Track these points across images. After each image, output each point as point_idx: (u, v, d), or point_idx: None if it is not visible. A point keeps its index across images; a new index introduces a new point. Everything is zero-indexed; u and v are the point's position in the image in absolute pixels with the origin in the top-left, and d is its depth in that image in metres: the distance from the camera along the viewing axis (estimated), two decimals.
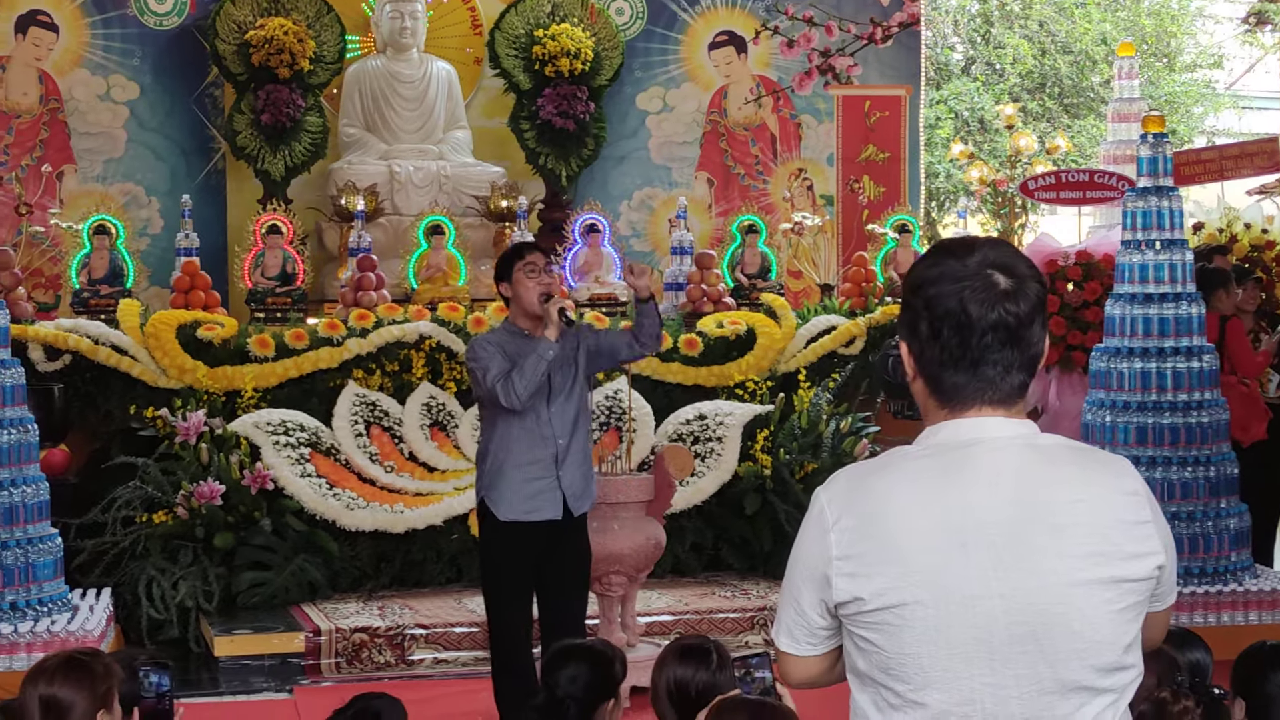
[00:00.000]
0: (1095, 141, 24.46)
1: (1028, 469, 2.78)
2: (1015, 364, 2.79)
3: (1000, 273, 2.78)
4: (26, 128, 14.19)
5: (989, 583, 2.72)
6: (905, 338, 2.87)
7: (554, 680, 4.95)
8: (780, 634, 2.97)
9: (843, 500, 2.83)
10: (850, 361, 11.92)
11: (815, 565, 2.84)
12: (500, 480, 7.12)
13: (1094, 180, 13.06)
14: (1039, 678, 2.73)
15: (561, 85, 14.31)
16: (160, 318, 11.01)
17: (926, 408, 2.87)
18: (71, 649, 4.30)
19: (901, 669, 2.76)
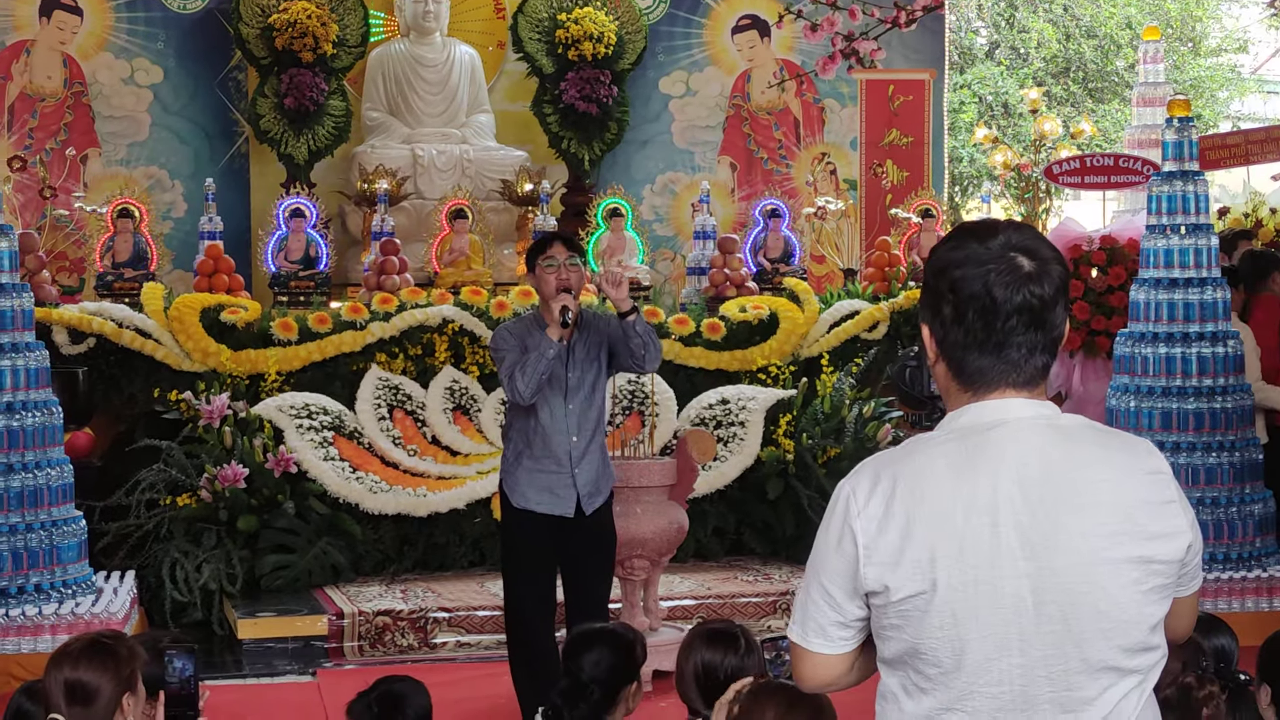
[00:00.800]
0: (1119, 126, 24.38)
1: (1052, 450, 2.78)
2: (1039, 346, 2.80)
3: (1024, 255, 2.78)
4: (51, 111, 14.22)
5: (1016, 563, 2.72)
6: (927, 321, 2.86)
7: (577, 665, 4.95)
8: (809, 634, 2.93)
9: (868, 489, 2.82)
10: (873, 346, 11.90)
11: (845, 555, 2.83)
12: (517, 469, 7.10)
13: (1119, 165, 13.01)
14: (1066, 658, 2.73)
15: (584, 69, 14.30)
16: (184, 301, 11.03)
17: (949, 391, 2.86)
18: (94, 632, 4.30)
19: (931, 652, 2.76)
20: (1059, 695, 2.74)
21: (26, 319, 8.76)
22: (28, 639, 8.34)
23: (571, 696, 4.90)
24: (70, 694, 4.13)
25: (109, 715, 4.15)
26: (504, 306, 11.23)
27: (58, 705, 4.14)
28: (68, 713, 4.12)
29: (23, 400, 8.63)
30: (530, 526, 7.12)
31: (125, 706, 4.15)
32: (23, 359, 8.65)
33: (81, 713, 4.11)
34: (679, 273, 14.56)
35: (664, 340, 11.39)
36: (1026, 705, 2.74)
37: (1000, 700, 2.74)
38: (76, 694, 4.13)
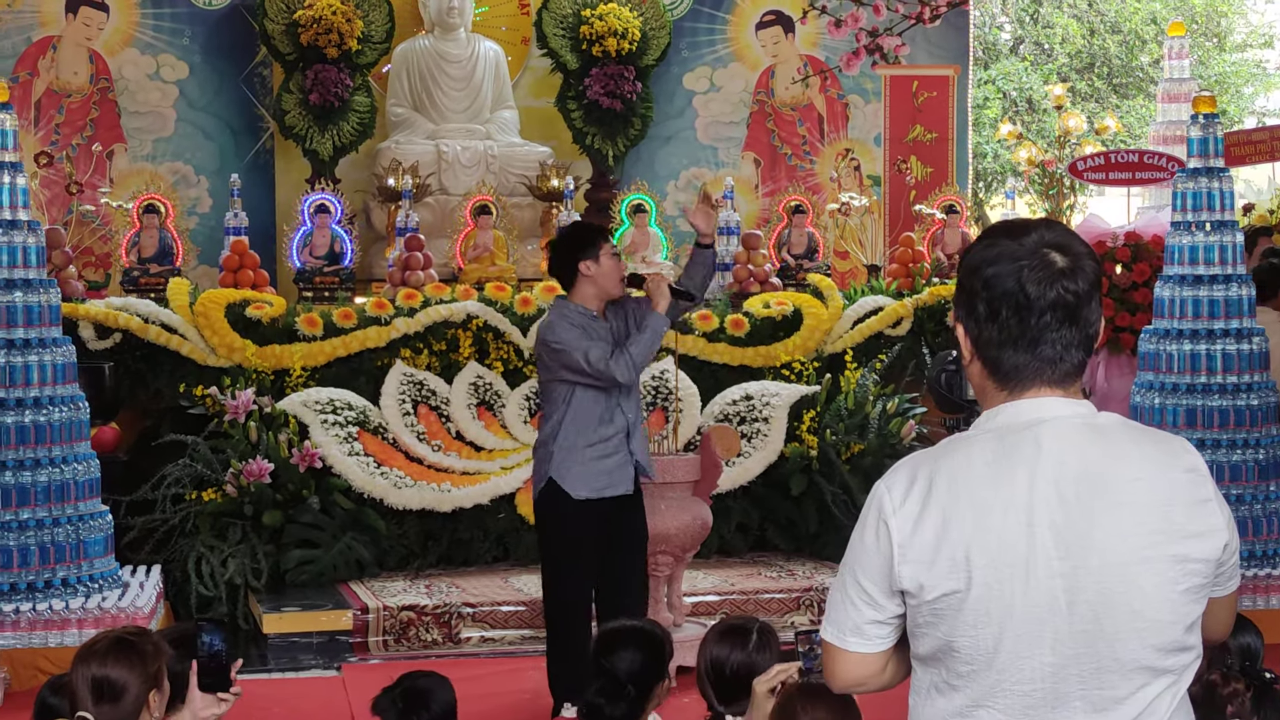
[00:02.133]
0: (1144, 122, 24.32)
1: (1088, 448, 2.78)
2: (1073, 343, 2.81)
3: (1057, 252, 2.80)
4: (77, 107, 14.27)
5: (1051, 562, 2.73)
6: (962, 320, 2.87)
7: (612, 663, 4.96)
8: (846, 634, 2.93)
9: (904, 487, 2.83)
10: (897, 343, 11.89)
11: (880, 554, 2.83)
12: (574, 459, 7.13)
13: (1143, 161, 12.99)
14: (1099, 657, 2.73)
15: (609, 65, 14.31)
16: (209, 296, 11.07)
17: (984, 390, 2.87)
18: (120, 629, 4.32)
19: (964, 650, 2.77)
20: (1090, 694, 2.74)
21: (54, 314, 8.79)
22: (54, 633, 8.38)
23: (611, 694, 4.91)
24: (97, 691, 4.14)
25: (136, 712, 4.16)
26: (528, 302, 11.25)
27: (84, 702, 4.16)
28: (94, 710, 4.13)
29: (49, 395, 8.67)
30: (590, 517, 7.20)
31: (151, 703, 4.17)
32: (50, 354, 8.68)
33: (109, 710, 4.13)
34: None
35: (688, 336, 11.40)
36: (1058, 703, 2.74)
37: (1032, 698, 2.75)
38: (103, 691, 4.14)
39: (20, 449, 8.55)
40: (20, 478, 8.54)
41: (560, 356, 7.07)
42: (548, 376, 7.20)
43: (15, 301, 8.60)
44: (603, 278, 7.19)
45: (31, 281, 8.68)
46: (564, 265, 7.28)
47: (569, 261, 7.24)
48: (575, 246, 7.25)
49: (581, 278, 7.21)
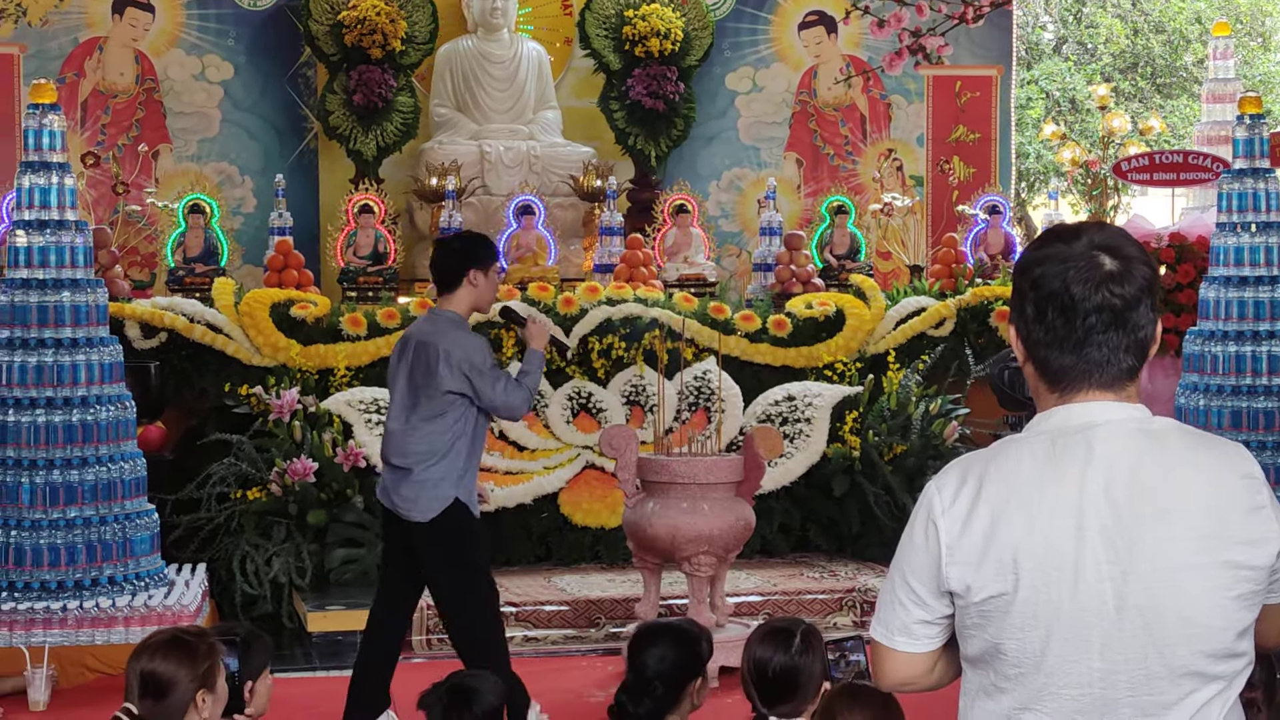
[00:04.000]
0: (1188, 122, 24.20)
1: (1141, 453, 2.77)
2: (1122, 346, 2.79)
3: (1107, 255, 2.79)
4: (123, 107, 14.35)
5: (1101, 567, 2.72)
6: (1014, 321, 2.88)
7: (641, 661, 4.97)
8: (894, 633, 2.93)
9: (954, 489, 2.83)
10: (940, 343, 11.88)
11: (929, 554, 2.84)
12: (468, 479, 7.10)
13: (1188, 161, 12.94)
14: (1148, 662, 2.72)
15: (651, 65, 14.32)
16: (254, 296, 11.12)
17: (1038, 392, 2.87)
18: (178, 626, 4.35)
19: (1011, 652, 2.77)
20: (1139, 700, 2.73)
21: (101, 314, 8.87)
22: (101, 631, 8.45)
23: (635, 692, 4.92)
24: (144, 686, 4.17)
25: (181, 710, 4.18)
26: (571, 303, 11.27)
27: (132, 696, 4.19)
28: (140, 705, 4.16)
29: (96, 395, 8.74)
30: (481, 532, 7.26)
31: (200, 703, 4.18)
32: (97, 354, 8.76)
33: (153, 705, 4.15)
34: (745, 269, 14.56)
35: (730, 337, 11.41)
36: (1106, 709, 2.74)
37: (1080, 703, 2.74)
38: (150, 686, 4.17)
39: (68, 448, 8.63)
40: (68, 476, 8.61)
41: (478, 380, 6.96)
42: (455, 389, 6.97)
43: (63, 301, 8.68)
44: (484, 292, 7.15)
45: (79, 281, 8.76)
46: (452, 269, 7.16)
47: (459, 266, 7.14)
48: (470, 254, 7.18)
49: (466, 285, 7.10)
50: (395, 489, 7.13)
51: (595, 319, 11.27)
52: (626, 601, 9.42)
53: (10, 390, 8.64)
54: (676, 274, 12.68)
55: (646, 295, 11.56)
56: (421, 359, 7.01)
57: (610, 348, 11.25)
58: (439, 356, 6.95)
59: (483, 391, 6.95)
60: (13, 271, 8.75)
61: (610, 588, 9.90)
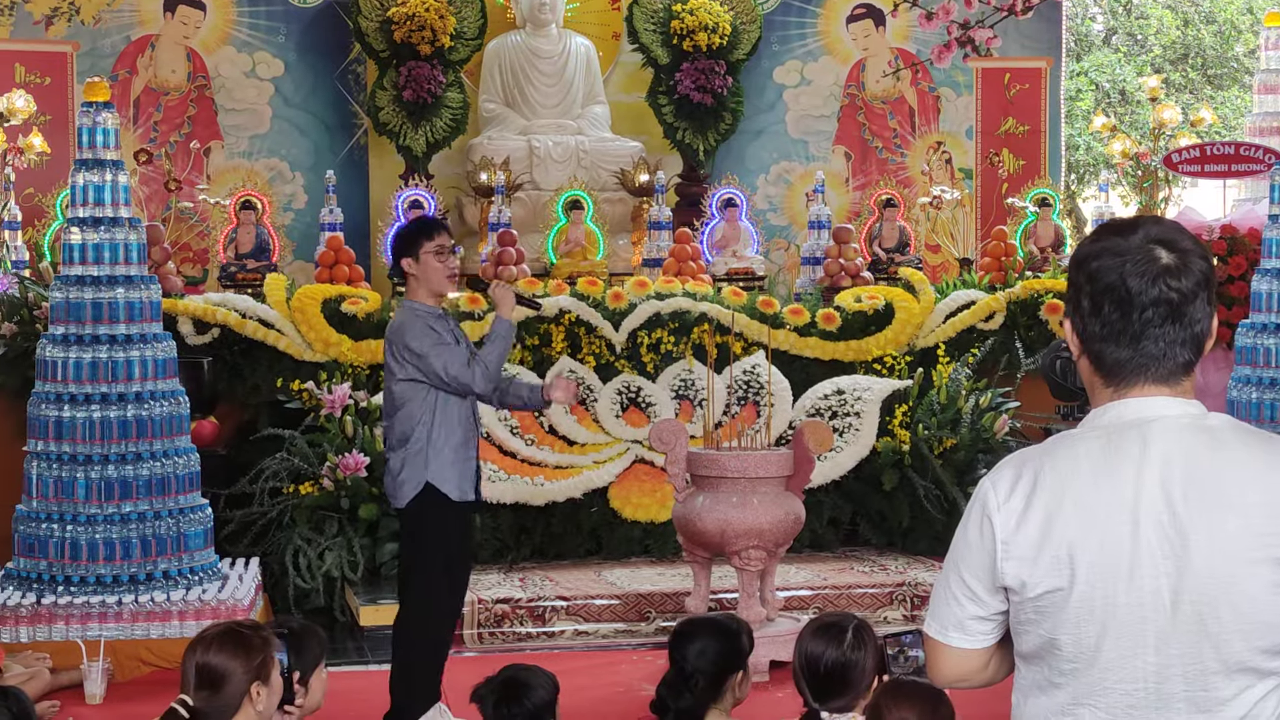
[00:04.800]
0: (1239, 113, 24.04)
1: (1196, 449, 2.76)
2: (1178, 340, 2.79)
3: (1163, 248, 2.78)
4: (175, 105, 14.46)
5: (1156, 562, 2.72)
6: (1069, 314, 2.87)
7: (682, 654, 4.99)
8: (949, 629, 2.94)
9: (1009, 484, 2.83)
10: (990, 337, 11.84)
11: (984, 550, 2.84)
12: (443, 462, 7.07)
13: (1239, 153, 12.87)
14: (1202, 657, 2.72)
15: (699, 60, 14.34)
16: (305, 292, 11.18)
17: (1092, 386, 2.87)
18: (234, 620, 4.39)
19: (1066, 647, 2.77)
20: (1194, 695, 2.73)
21: (154, 310, 8.93)
22: (156, 624, 8.51)
23: (675, 686, 4.94)
24: (200, 678, 4.21)
25: (236, 702, 4.21)
26: (620, 297, 11.29)
27: (188, 687, 4.23)
28: (195, 697, 4.20)
29: (151, 390, 8.80)
30: (464, 517, 7.26)
31: (255, 696, 4.22)
32: (151, 349, 8.82)
33: (208, 697, 4.19)
34: (793, 263, 14.56)
35: (779, 331, 11.41)
36: (1161, 704, 2.74)
37: (1134, 698, 2.74)
38: (205, 678, 4.20)
39: (122, 443, 8.69)
40: (122, 471, 8.68)
41: (419, 362, 7.00)
42: (405, 377, 7.04)
43: (117, 298, 8.74)
44: (428, 273, 7.12)
45: (133, 278, 8.82)
46: (394, 265, 7.32)
47: (395, 260, 7.27)
48: (398, 247, 7.24)
49: (408, 276, 7.17)
50: (385, 478, 7.31)
51: (644, 313, 11.28)
52: (676, 595, 9.44)
53: (65, 386, 8.71)
54: (725, 268, 12.69)
55: (695, 289, 11.57)
56: (386, 353, 7.19)
57: (659, 342, 11.27)
58: (387, 348, 7.13)
59: (427, 372, 7.00)
60: (67, 268, 8.82)
61: (660, 582, 9.92)
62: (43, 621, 8.48)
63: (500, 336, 7.19)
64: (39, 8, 14.14)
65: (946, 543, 3.01)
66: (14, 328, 10.59)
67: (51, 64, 14.06)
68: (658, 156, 14.39)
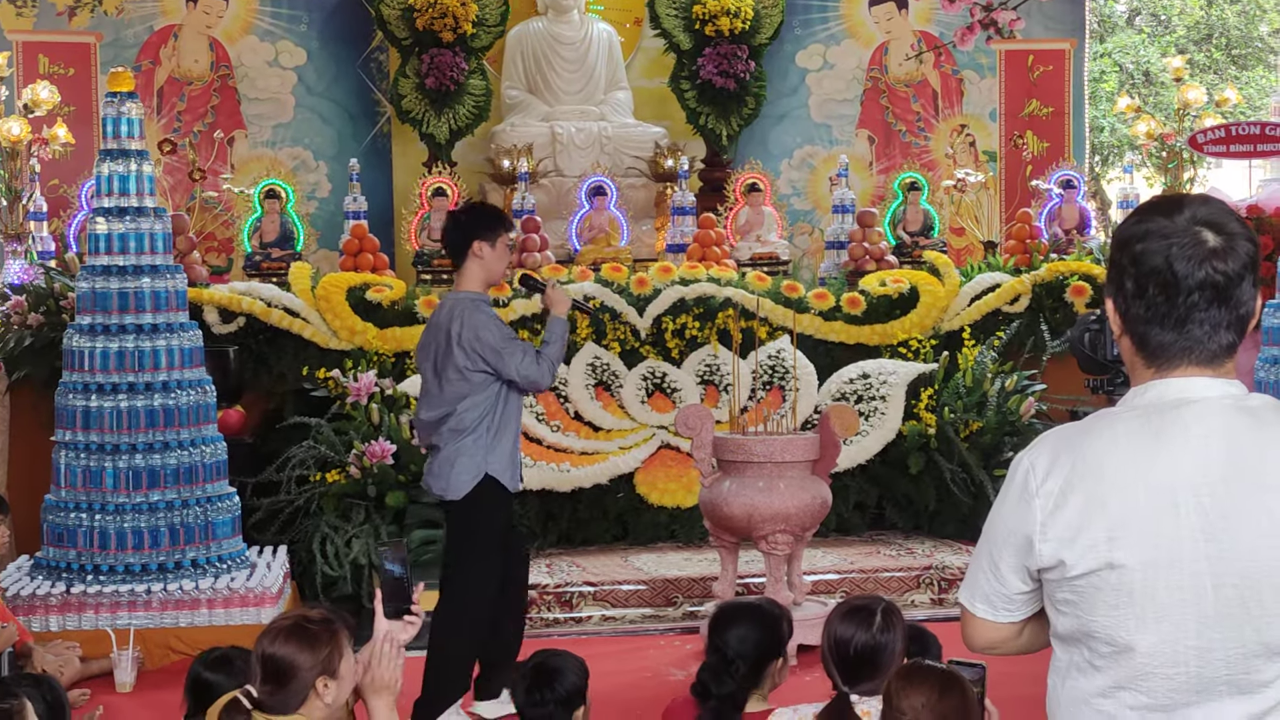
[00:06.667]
0: (1264, 93, 23.93)
1: (1238, 430, 2.73)
2: (1223, 323, 2.75)
3: (1210, 230, 2.74)
4: (198, 94, 14.48)
5: (1197, 544, 2.70)
6: (1111, 295, 2.83)
7: (722, 640, 4.98)
8: (976, 600, 2.96)
9: (1047, 463, 2.81)
10: (1015, 319, 11.82)
11: (1019, 530, 2.83)
12: (503, 453, 7.13)
13: (1265, 133, 12.81)
14: (1244, 640, 2.70)
15: (722, 44, 14.31)
16: (330, 280, 11.20)
17: (1133, 365, 2.84)
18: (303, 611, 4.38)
19: (1104, 631, 2.75)
20: (1236, 678, 2.71)
21: (180, 299, 8.95)
22: (185, 613, 8.54)
23: (717, 672, 4.94)
24: (265, 670, 4.20)
25: (301, 695, 4.20)
26: (644, 283, 11.29)
27: (255, 678, 4.23)
28: (260, 688, 4.20)
29: (178, 379, 8.83)
30: (510, 506, 7.32)
31: (320, 689, 4.20)
32: (177, 339, 8.85)
33: (273, 691, 4.19)
34: (817, 247, 14.54)
35: (804, 315, 11.40)
36: (1202, 687, 2.72)
37: (1175, 681, 2.72)
38: (270, 671, 4.20)
39: (150, 432, 8.72)
40: (150, 460, 8.71)
41: (494, 358, 7.00)
42: (475, 369, 7.02)
43: (143, 287, 8.77)
44: (493, 263, 7.16)
45: (158, 267, 8.84)
46: (458, 242, 7.20)
47: (464, 239, 7.17)
48: (473, 225, 7.19)
49: (472, 257, 7.14)
50: (429, 470, 7.25)
51: (669, 299, 11.28)
52: (704, 580, 9.45)
53: (92, 376, 8.74)
54: (749, 253, 12.67)
55: (719, 275, 11.56)
56: (438, 343, 7.09)
57: (684, 327, 11.26)
58: (451, 339, 7.01)
59: (499, 367, 7.01)
60: (93, 258, 8.85)
61: (687, 566, 9.92)
62: (72, 610, 8.51)
63: (559, 336, 7.26)
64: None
65: (973, 525, 3.02)
66: (40, 318, 10.62)
67: (75, 55, 14.09)
68: (681, 142, 14.38)
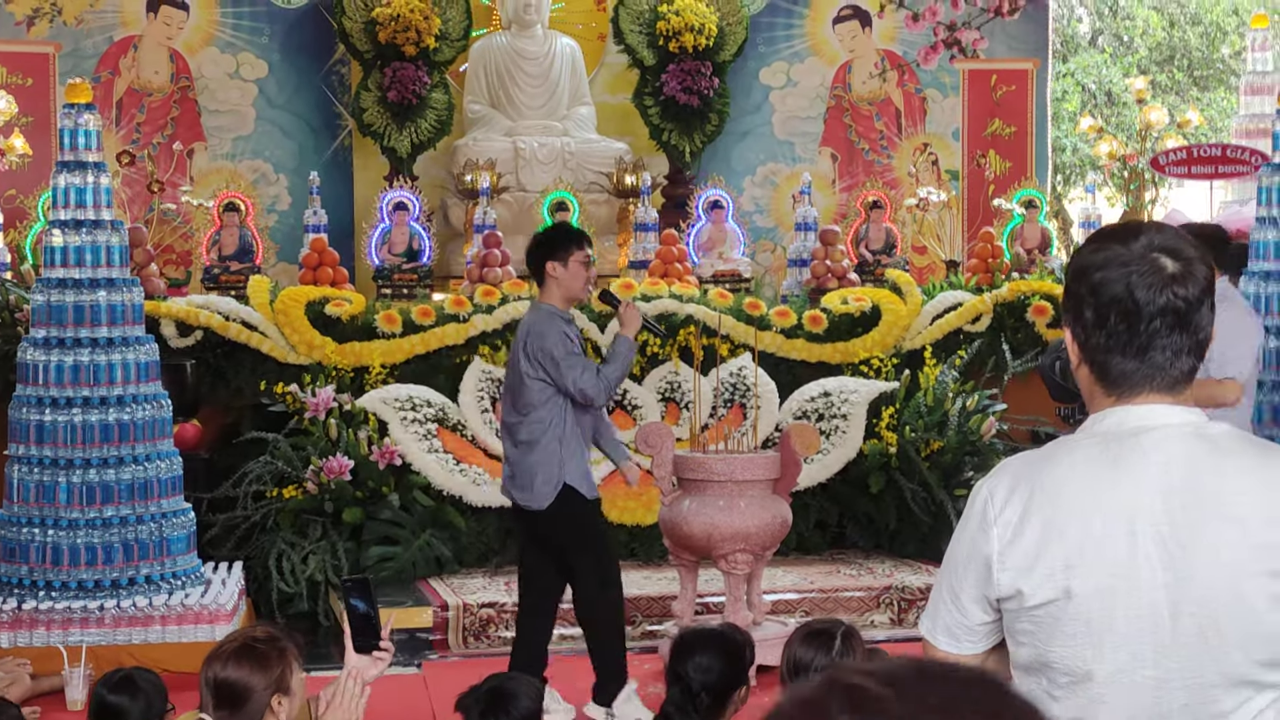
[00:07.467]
0: (1226, 115, 24.05)
1: (1197, 458, 2.71)
2: (1184, 349, 2.73)
3: (1167, 256, 2.72)
4: (158, 106, 14.39)
5: (1155, 573, 2.67)
6: (1070, 325, 2.81)
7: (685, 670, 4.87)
8: (938, 632, 2.92)
9: (1006, 491, 2.78)
10: (976, 338, 11.81)
11: (978, 559, 2.79)
12: (577, 463, 7.40)
13: (1226, 155, 12.85)
14: (1202, 670, 2.68)
15: (685, 61, 14.29)
16: (289, 294, 11.13)
17: (1092, 395, 2.82)
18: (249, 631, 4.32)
19: (1062, 661, 2.72)
20: (1194, 708, 2.69)
21: (136, 313, 8.87)
22: (138, 630, 8.45)
23: (681, 706, 4.87)
24: (219, 695, 4.14)
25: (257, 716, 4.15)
26: None
27: (206, 705, 4.17)
28: (215, 714, 4.14)
29: (133, 394, 8.74)
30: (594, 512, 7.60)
31: (275, 707, 4.15)
32: (133, 353, 8.76)
33: (229, 714, 4.13)
34: (780, 264, 14.53)
35: (765, 333, 11.38)
36: (1160, 716, 2.69)
37: (1133, 712, 2.69)
38: (224, 695, 4.14)
39: (104, 446, 8.63)
40: (104, 475, 8.62)
41: (553, 368, 7.27)
42: (537, 377, 7.33)
43: (99, 301, 8.68)
44: (568, 281, 7.41)
45: (115, 281, 8.76)
46: (534, 264, 7.53)
47: (539, 261, 7.47)
48: (546, 248, 7.49)
49: (548, 278, 7.43)
50: (510, 480, 7.50)
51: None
52: (663, 599, 9.40)
53: (47, 390, 8.65)
54: (711, 270, 12.65)
55: (681, 291, 11.53)
56: (514, 350, 7.46)
57: (645, 344, 11.23)
58: (521, 347, 7.37)
59: (558, 379, 7.26)
60: (49, 271, 8.76)
61: (646, 585, 9.87)
62: (24, 627, 8.42)
63: (622, 355, 7.44)
64: (20, 8, 14.07)
65: (934, 545, 3.00)
66: None
67: (33, 65, 13.98)
68: (644, 158, 14.36)
